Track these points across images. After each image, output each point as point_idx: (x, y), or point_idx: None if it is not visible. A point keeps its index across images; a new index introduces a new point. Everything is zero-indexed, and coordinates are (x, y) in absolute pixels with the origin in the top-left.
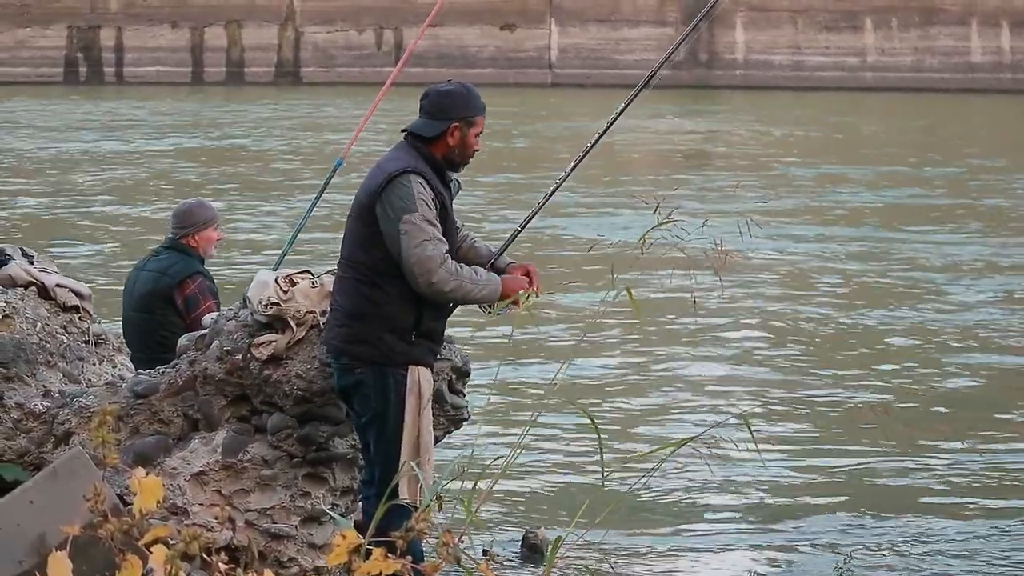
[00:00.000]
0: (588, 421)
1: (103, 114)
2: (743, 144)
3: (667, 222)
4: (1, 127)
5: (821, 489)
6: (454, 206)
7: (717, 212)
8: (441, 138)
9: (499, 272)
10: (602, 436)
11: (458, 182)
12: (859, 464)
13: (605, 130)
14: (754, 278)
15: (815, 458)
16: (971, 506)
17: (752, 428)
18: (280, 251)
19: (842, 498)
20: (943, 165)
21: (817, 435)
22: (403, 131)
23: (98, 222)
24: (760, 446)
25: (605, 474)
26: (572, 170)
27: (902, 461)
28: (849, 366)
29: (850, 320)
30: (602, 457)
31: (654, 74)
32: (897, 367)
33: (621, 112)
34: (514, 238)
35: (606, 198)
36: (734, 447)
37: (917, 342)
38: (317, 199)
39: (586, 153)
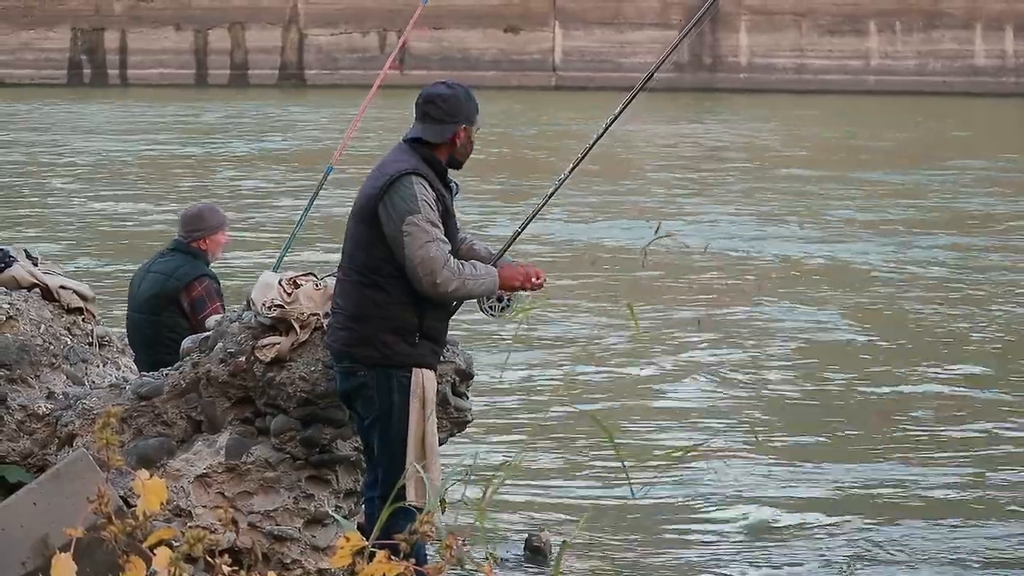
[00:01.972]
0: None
1: (107, 117)
2: (747, 147)
3: (666, 235)
4: (6, 128)
5: (826, 497)
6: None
7: (724, 217)
8: (448, 141)
9: None
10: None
11: (456, 184)
12: (864, 473)
13: (602, 133)
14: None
15: (820, 467)
16: (977, 515)
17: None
18: (279, 253)
19: (847, 507)
20: (946, 168)
21: (822, 444)
22: (406, 140)
23: (103, 223)
24: (763, 454)
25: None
26: (571, 172)
27: (907, 470)
28: (855, 375)
29: (857, 329)
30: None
31: (650, 77)
32: (902, 375)
33: (618, 115)
34: (514, 239)
35: (610, 205)
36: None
37: (931, 349)
38: (311, 203)
39: (584, 155)
